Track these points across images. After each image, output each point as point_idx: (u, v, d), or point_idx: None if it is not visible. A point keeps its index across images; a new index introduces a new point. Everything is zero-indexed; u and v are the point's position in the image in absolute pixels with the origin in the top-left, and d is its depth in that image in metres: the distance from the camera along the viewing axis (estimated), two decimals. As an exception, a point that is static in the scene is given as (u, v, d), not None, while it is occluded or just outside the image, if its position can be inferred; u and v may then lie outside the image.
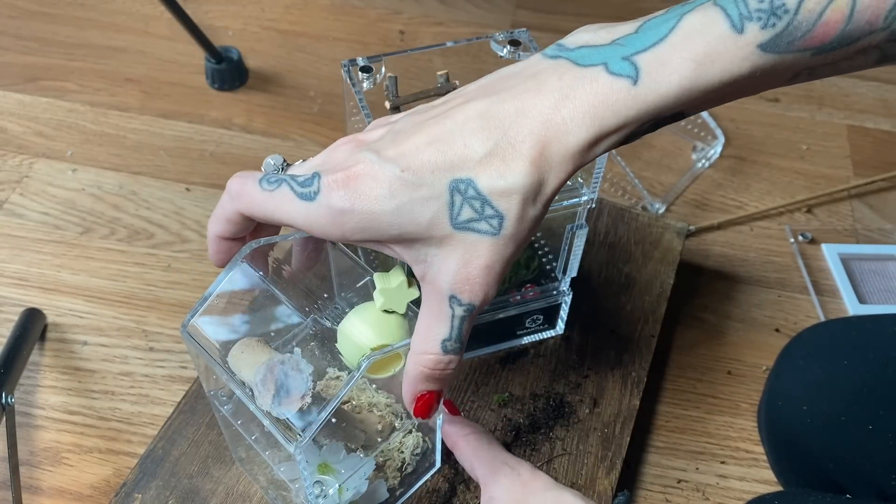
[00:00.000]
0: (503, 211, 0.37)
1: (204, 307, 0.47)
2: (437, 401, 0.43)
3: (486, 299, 0.39)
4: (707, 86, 0.34)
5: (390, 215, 0.37)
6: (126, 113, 1.05)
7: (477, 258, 0.37)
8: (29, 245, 0.89)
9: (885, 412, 0.58)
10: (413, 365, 0.42)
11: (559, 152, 0.36)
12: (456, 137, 0.37)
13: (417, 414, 0.43)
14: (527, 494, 0.48)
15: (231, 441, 0.63)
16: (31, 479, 0.70)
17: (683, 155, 1.03)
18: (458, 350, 0.41)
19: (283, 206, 0.39)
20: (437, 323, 0.40)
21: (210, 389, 0.54)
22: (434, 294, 0.39)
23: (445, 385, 0.43)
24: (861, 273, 0.90)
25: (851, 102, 1.13)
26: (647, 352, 0.75)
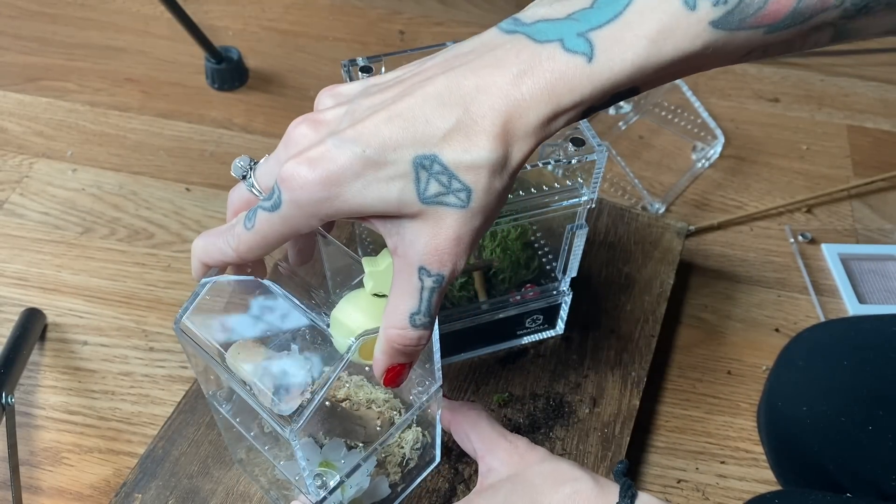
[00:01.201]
0: (470, 184, 0.37)
1: (195, 304, 0.47)
2: (406, 372, 0.44)
3: (455, 271, 0.39)
4: (660, 63, 0.35)
5: (359, 195, 0.38)
6: (126, 113, 1.05)
7: (446, 230, 0.38)
8: (29, 245, 0.89)
9: (885, 412, 0.58)
10: (382, 339, 0.42)
11: (521, 127, 0.37)
12: (417, 114, 0.37)
13: (387, 384, 0.44)
14: (525, 466, 0.48)
15: (231, 443, 0.63)
16: (31, 479, 0.70)
17: (683, 155, 1.03)
18: (427, 324, 0.41)
19: (266, 231, 0.41)
20: (406, 296, 0.40)
21: (209, 390, 0.54)
22: (404, 266, 0.40)
23: (416, 358, 0.43)
24: (861, 273, 0.90)
25: (851, 102, 1.13)
26: (646, 352, 0.75)
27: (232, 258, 0.44)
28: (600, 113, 1.06)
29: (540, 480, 0.47)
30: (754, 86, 1.14)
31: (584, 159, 0.59)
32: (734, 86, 1.14)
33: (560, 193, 0.61)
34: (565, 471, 0.48)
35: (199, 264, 0.46)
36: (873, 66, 1.18)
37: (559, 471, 0.48)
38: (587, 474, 0.48)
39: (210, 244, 0.45)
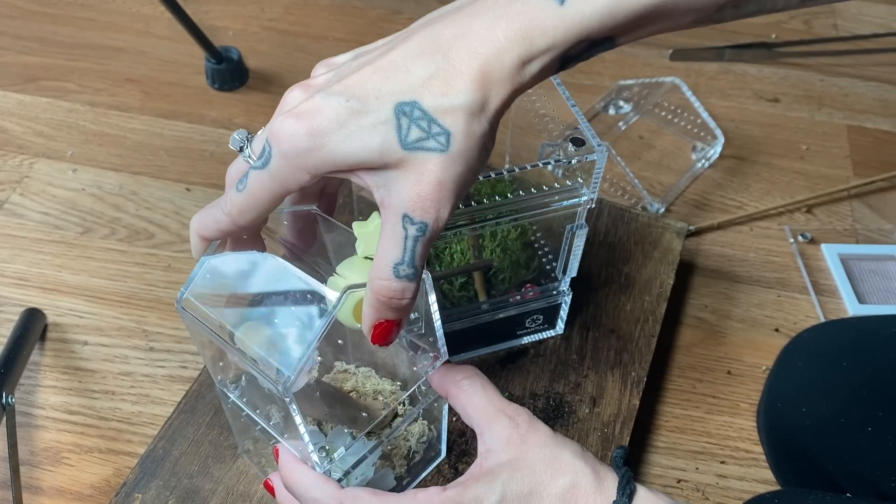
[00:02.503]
0: (449, 128, 0.38)
1: (195, 281, 0.47)
2: (395, 330, 0.43)
3: (439, 219, 0.40)
4: (631, 10, 0.36)
5: (343, 144, 0.39)
6: (126, 113, 1.05)
7: (428, 175, 0.39)
8: (29, 245, 0.89)
9: (885, 414, 0.58)
10: (369, 292, 0.42)
11: (498, 70, 0.38)
12: (399, 64, 0.39)
13: (375, 341, 0.44)
14: (524, 450, 0.48)
15: (239, 434, 0.63)
16: (32, 479, 0.70)
17: (683, 155, 1.03)
18: (411, 276, 0.41)
19: (257, 190, 0.42)
20: (390, 246, 0.40)
21: (217, 374, 0.54)
22: (389, 217, 0.40)
23: (404, 315, 0.43)
24: (861, 273, 0.90)
25: (851, 102, 1.13)
26: (646, 352, 0.75)
27: (226, 224, 0.44)
28: (600, 113, 1.06)
29: (541, 468, 0.47)
30: (754, 86, 1.14)
31: (584, 159, 0.59)
32: (734, 86, 1.14)
33: (560, 193, 0.61)
34: (567, 460, 0.47)
35: (197, 239, 0.47)
36: (873, 66, 1.18)
37: (561, 459, 0.47)
38: (588, 466, 0.47)
39: (205, 215, 0.45)
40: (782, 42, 1.20)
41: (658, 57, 1.18)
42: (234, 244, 0.49)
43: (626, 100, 1.07)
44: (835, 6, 1.29)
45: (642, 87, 1.08)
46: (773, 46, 1.19)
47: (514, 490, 0.46)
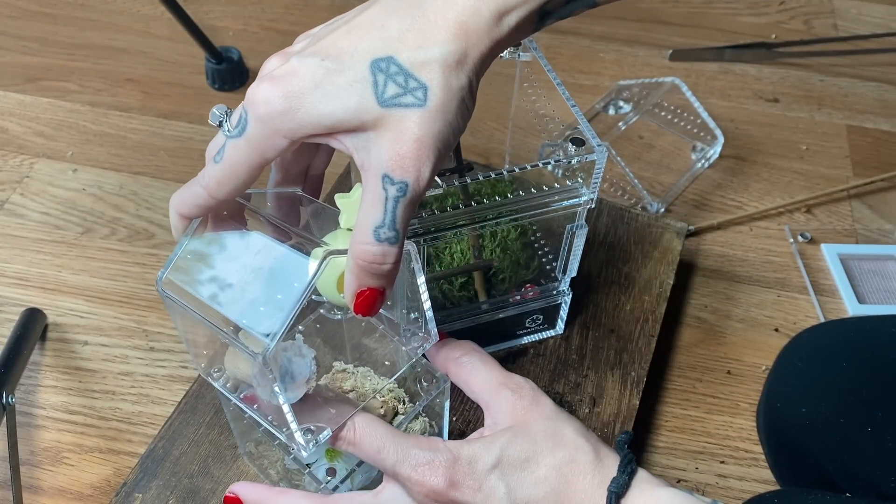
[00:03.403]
0: (426, 81, 0.37)
1: (175, 262, 0.47)
2: (379, 299, 0.42)
3: (419, 179, 0.39)
4: None
5: (320, 105, 0.38)
6: (126, 113, 1.05)
7: (406, 133, 0.38)
8: (29, 245, 0.89)
9: (884, 414, 0.58)
10: (350, 258, 0.41)
11: (475, 21, 0.37)
12: (374, 21, 0.38)
13: (357, 311, 0.42)
14: (527, 420, 0.47)
15: (240, 436, 0.63)
16: (32, 479, 0.70)
17: (683, 155, 1.03)
18: (393, 240, 0.40)
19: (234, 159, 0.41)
20: (371, 209, 0.39)
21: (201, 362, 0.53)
22: (369, 178, 0.39)
23: (388, 282, 0.42)
24: (860, 273, 0.90)
25: (851, 102, 1.13)
26: (646, 352, 0.75)
27: (204, 199, 0.43)
28: (600, 113, 1.06)
29: (541, 438, 0.46)
30: (754, 86, 1.14)
31: (584, 159, 0.59)
32: (734, 86, 1.14)
33: (560, 193, 0.61)
34: (568, 435, 0.47)
35: (177, 217, 0.46)
36: (873, 66, 1.18)
37: (562, 433, 0.47)
38: (589, 444, 0.47)
39: (183, 192, 0.45)
40: (782, 42, 1.20)
41: (658, 57, 1.18)
42: (215, 223, 0.47)
43: (626, 100, 1.07)
44: (835, 6, 1.29)
45: (642, 87, 1.08)
46: (773, 46, 1.19)
47: (511, 455, 0.45)
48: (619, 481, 0.44)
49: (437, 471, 0.45)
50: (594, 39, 1.21)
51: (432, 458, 0.45)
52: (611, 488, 0.44)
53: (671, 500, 0.44)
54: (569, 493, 0.45)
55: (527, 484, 0.45)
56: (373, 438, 0.47)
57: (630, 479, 0.45)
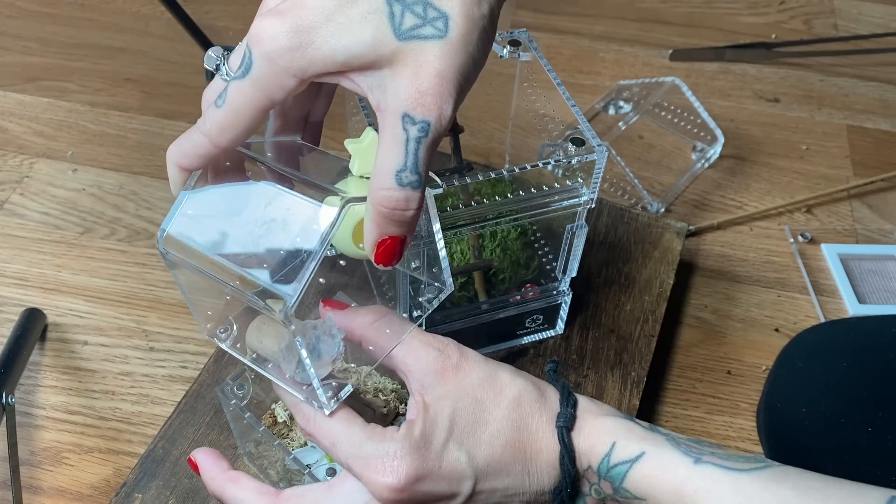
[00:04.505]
0: (447, 10, 0.35)
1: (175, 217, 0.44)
2: (400, 248, 0.40)
3: (442, 116, 0.36)
4: None
5: (332, 39, 0.36)
6: (126, 113, 1.05)
7: (427, 67, 0.35)
8: (29, 245, 0.89)
9: (884, 414, 0.58)
10: (370, 205, 0.38)
11: None
12: None
13: (378, 261, 0.40)
14: (461, 378, 0.46)
15: (240, 436, 0.63)
16: (32, 479, 0.70)
17: (683, 155, 1.03)
18: (416, 184, 0.37)
19: (238, 101, 0.38)
20: (391, 152, 0.37)
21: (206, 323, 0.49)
22: (388, 120, 0.37)
23: (409, 230, 0.40)
24: (861, 273, 0.90)
25: (851, 102, 1.13)
26: (646, 352, 0.75)
27: (205, 147, 0.40)
28: (600, 113, 1.06)
29: (482, 392, 0.45)
30: (754, 86, 1.14)
31: (584, 159, 0.59)
32: (734, 86, 1.14)
33: (560, 193, 0.61)
34: (505, 379, 0.46)
35: (175, 170, 0.42)
36: (873, 66, 1.18)
37: (499, 379, 0.46)
38: (528, 381, 0.46)
39: (182, 141, 0.42)
40: (782, 42, 1.20)
41: (658, 57, 1.18)
42: (216, 176, 0.44)
43: (626, 100, 1.07)
44: (835, 6, 1.29)
45: (642, 87, 1.08)
46: (773, 46, 1.19)
47: (460, 420, 0.44)
48: (566, 415, 0.45)
49: (391, 466, 0.42)
50: (594, 39, 1.21)
51: (384, 452, 0.43)
52: (559, 424, 0.45)
53: (615, 426, 0.45)
54: (523, 438, 0.45)
55: (484, 443, 0.44)
56: (327, 430, 0.45)
57: (575, 411, 0.45)
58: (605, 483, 0.44)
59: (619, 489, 0.43)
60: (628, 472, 0.43)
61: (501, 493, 0.45)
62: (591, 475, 0.45)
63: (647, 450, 0.43)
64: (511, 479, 0.45)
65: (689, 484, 0.41)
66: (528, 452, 0.45)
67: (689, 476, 0.41)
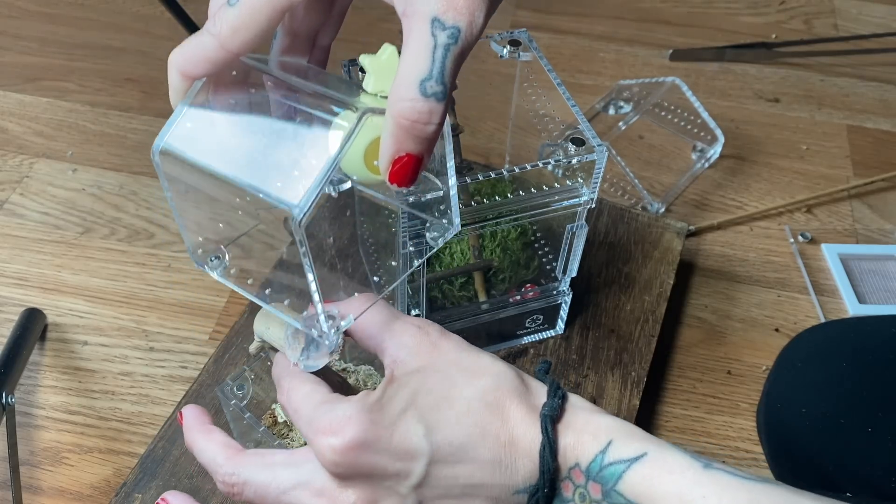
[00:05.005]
0: None
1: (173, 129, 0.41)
2: (417, 167, 0.37)
3: (473, 24, 0.35)
4: None
5: None
6: (126, 113, 1.05)
7: None
8: (29, 245, 0.89)
9: (884, 414, 0.58)
10: (389, 118, 0.36)
11: None
12: None
13: (392, 180, 0.37)
14: (436, 356, 0.42)
15: (240, 436, 0.63)
16: (32, 479, 0.70)
17: (683, 155, 1.03)
18: (440, 96, 0.35)
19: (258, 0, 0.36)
20: (416, 59, 0.35)
21: (198, 249, 0.46)
22: (415, 24, 0.35)
23: (428, 148, 0.37)
24: (861, 273, 0.90)
25: (851, 102, 1.13)
26: (646, 352, 0.75)
27: (214, 50, 0.37)
28: (600, 113, 1.06)
29: (455, 371, 0.41)
30: (754, 86, 1.14)
31: (584, 159, 0.59)
32: (734, 86, 1.14)
33: (560, 193, 0.61)
34: (486, 363, 0.41)
35: (178, 77, 0.39)
36: (873, 66, 1.18)
37: (479, 363, 0.41)
38: (511, 370, 0.42)
39: (187, 45, 0.38)
40: (782, 42, 1.20)
41: (658, 57, 1.18)
42: (218, 89, 0.41)
43: (626, 100, 1.07)
44: (835, 6, 1.29)
45: (642, 87, 1.08)
46: (773, 46, 1.19)
47: (426, 397, 0.40)
48: (552, 405, 0.39)
49: (336, 427, 0.38)
50: (594, 39, 1.20)
51: (334, 414, 0.39)
52: (544, 412, 0.39)
53: (612, 424, 0.40)
54: (496, 423, 0.39)
55: (447, 422, 0.39)
56: (294, 397, 0.42)
57: (563, 404, 0.40)
58: (593, 485, 0.39)
59: (612, 493, 0.38)
60: (625, 472, 0.38)
61: (463, 483, 0.39)
62: (578, 475, 0.39)
63: (649, 450, 0.38)
64: (476, 467, 0.39)
65: (697, 489, 0.37)
66: (502, 439, 0.39)
67: (697, 480, 0.37)
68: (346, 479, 0.39)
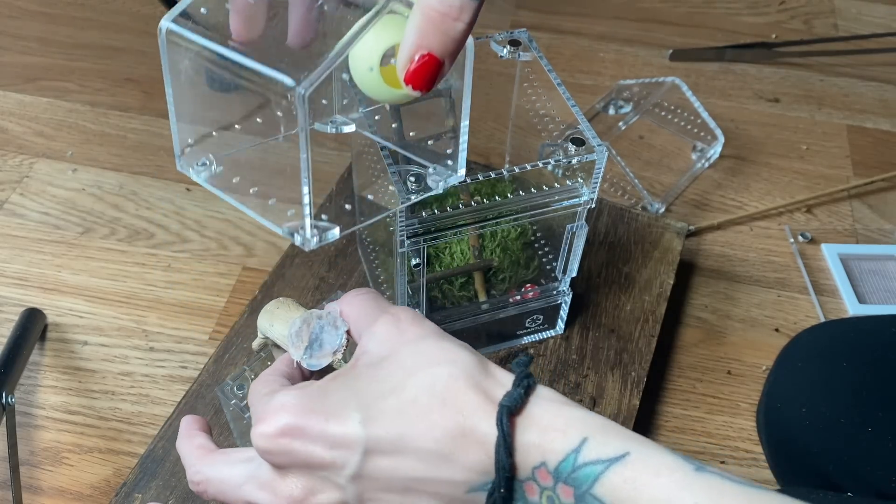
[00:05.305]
0: None
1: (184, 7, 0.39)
2: (437, 71, 0.35)
3: None
4: None
5: None
6: (126, 113, 1.05)
7: None
8: (29, 245, 0.89)
9: (884, 413, 0.58)
10: (416, 12, 0.34)
11: None
12: None
13: (409, 80, 0.35)
14: (399, 345, 0.39)
15: (240, 436, 0.63)
16: (32, 479, 0.70)
17: (683, 155, 1.03)
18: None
19: None
20: None
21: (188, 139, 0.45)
22: None
23: (452, 53, 0.35)
24: (861, 273, 0.90)
25: (851, 102, 1.13)
26: (646, 352, 0.75)
27: None
28: (600, 113, 1.06)
29: (412, 361, 0.38)
30: (754, 86, 1.14)
31: (584, 159, 0.59)
32: (734, 86, 1.14)
33: (560, 193, 0.61)
34: (447, 350, 0.38)
35: None
36: (873, 66, 1.18)
37: (440, 350, 0.38)
38: (474, 357, 0.38)
39: None
40: (782, 42, 1.20)
41: (658, 57, 1.18)
42: None
43: (626, 100, 1.07)
44: (835, 6, 1.29)
45: (642, 87, 1.08)
46: (773, 46, 1.19)
47: (373, 384, 0.38)
48: (513, 395, 0.36)
49: (272, 412, 0.37)
50: (594, 39, 1.21)
51: (275, 400, 0.38)
52: (502, 402, 0.35)
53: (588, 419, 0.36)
54: (445, 413, 0.36)
55: (388, 411, 0.37)
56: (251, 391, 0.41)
57: (526, 395, 0.36)
58: (564, 488, 0.35)
59: (586, 497, 0.34)
60: (603, 474, 0.34)
61: (405, 476, 0.36)
62: (544, 477, 0.35)
63: (632, 449, 0.34)
64: (418, 460, 0.36)
65: (688, 495, 0.32)
66: (451, 431, 0.36)
67: (688, 485, 0.33)
68: (285, 470, 0.38)
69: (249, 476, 0.39)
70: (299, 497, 0.38)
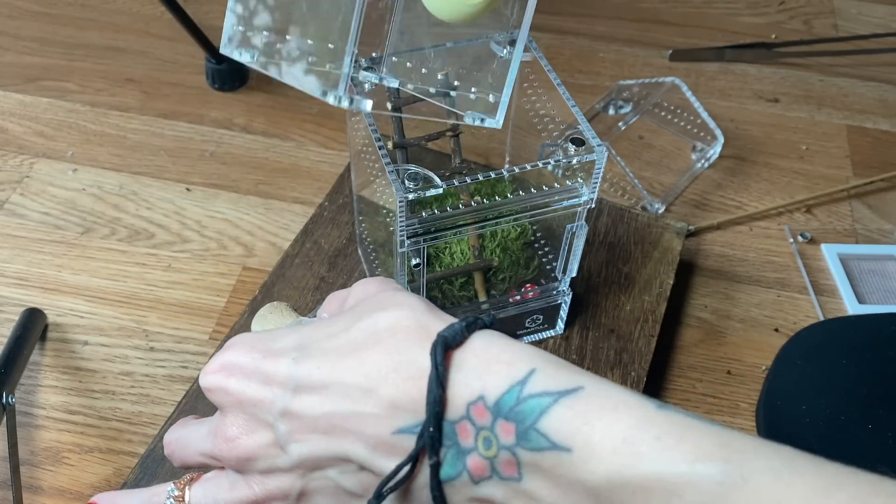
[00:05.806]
0: None
1: None
2: None
3: None
4: None
5: None
6: (126, 113, 1.05)
7: None
8: (29, 245, 0.89)
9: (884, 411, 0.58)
10: None
11: None
12: None
13: None
14: (362, 301, 0.39)
15: None
16: (32, 479, 0.70)
17: (683, 155, 1.03)
18: None
19: None
20: None
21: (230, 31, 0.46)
22: None
23: None
24: (860, 273, 0.90)
25: (851, 102, 1.13)
26: (646, 352, 0.75)
27: None
28: (600, 113, 1.06)
29: (362, 308, 0.37)
30: (754, 86, 1.14)
31: (584, 159, 0.59)
32: (734, 86, 1.14)
33: (560, 193, 0.61)
34: (398, 297, 0.36)
35: None
36: (873, 66, 1.18)
37: (391, 297, 0.36)
38: (424, 303, 0.36)
39: None
40: (782, 42, 1.20)
41: (658, 57, 1.18)
42: None
43: (626, 100, 1.07)
44: (835, 6, 1.29)
45: (642, 87, 1.08)
46: (773, 46, 1.19)
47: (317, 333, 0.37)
48: (455, 327, 0.33)
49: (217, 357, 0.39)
50: (594, 39, 1.21)
51: (221, 351, 0.39)
52: (441, 332, 0.33)
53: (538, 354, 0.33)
54: (380, 349, 0.34)
55: (324, 350, 0.36)
56: None
57: (468, 330, 0.34)
58: (503, 424, 0.31)
59: (529, 433, 0.30)
60: (551, 407, 0.30)
61: (328, 412, 0.34)
62: (481, 413, 0.31)
63: (586, 384, 0.31)
64: (344, 397, 0.34)
65: (649, 428, 0.29)
66: (383, 367, 0.33)
67: (649, 419, 0.29)
68: (225, 409, 0.39)
69: (208, 431, 0.40)
70: (233, 436, 0.38)
